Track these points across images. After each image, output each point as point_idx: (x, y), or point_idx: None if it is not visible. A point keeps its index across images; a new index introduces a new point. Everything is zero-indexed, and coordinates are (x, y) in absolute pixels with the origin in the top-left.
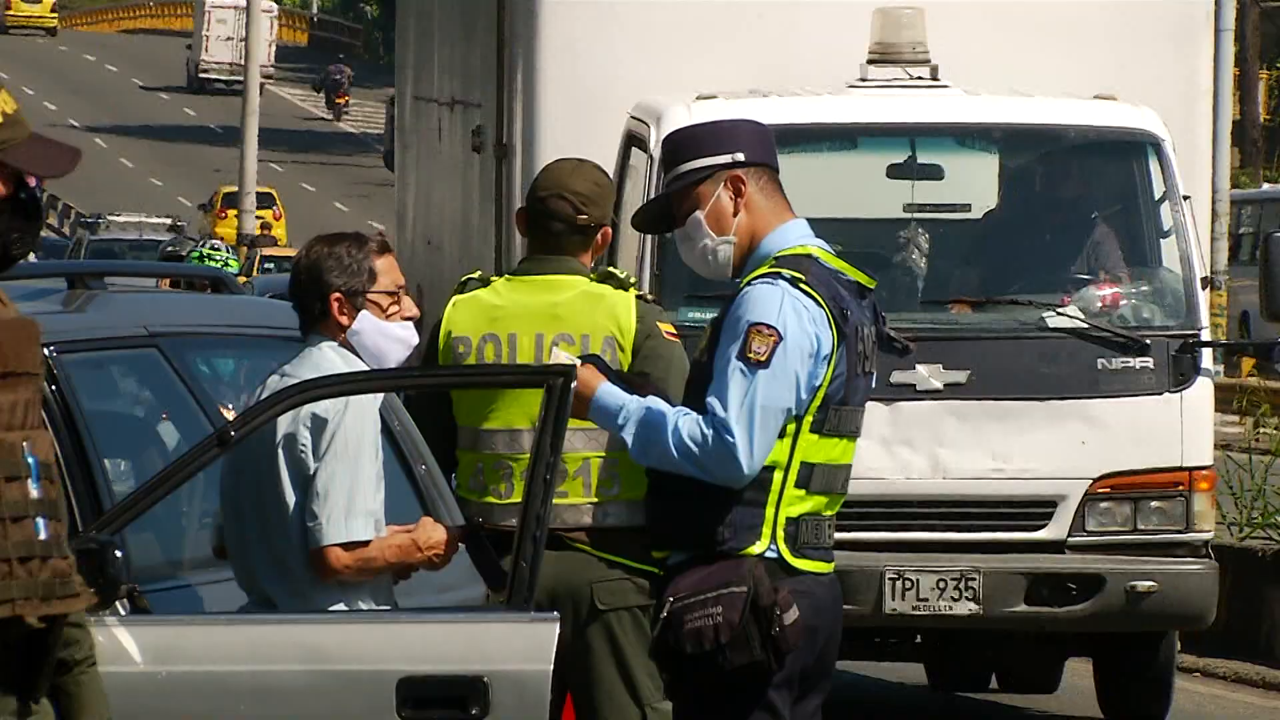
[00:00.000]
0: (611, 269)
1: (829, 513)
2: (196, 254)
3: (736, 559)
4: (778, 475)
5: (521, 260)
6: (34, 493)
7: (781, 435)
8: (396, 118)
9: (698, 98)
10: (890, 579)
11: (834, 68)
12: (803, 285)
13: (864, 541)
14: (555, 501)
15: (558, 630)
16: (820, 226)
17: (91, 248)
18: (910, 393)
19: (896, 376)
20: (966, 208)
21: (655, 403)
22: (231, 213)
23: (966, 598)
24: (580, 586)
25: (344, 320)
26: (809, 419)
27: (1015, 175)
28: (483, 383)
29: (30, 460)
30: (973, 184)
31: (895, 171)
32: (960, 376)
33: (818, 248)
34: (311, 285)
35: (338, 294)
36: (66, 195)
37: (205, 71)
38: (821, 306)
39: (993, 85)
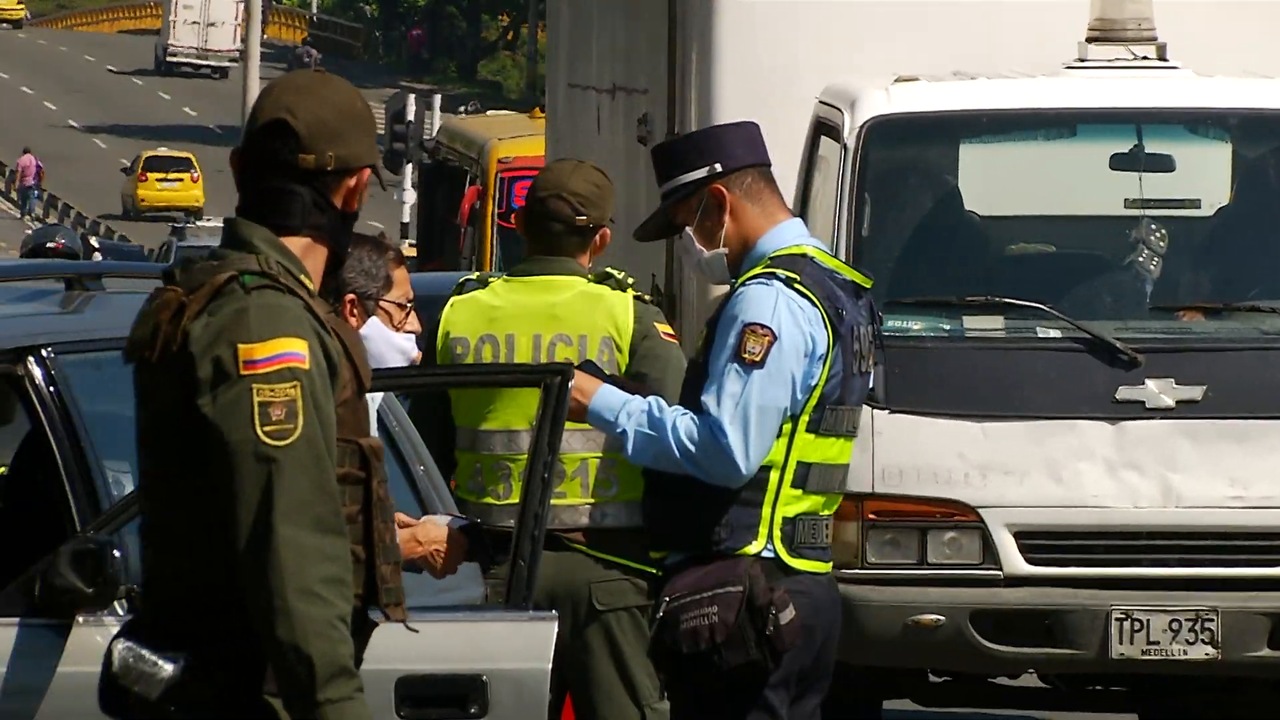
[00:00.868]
0: (610, 269)
1: (826, 512)
2: None
3: (733, 559)
4: (774, 475)
5: (521, 261)
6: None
7: (778, 435)
8: (547, 107)
9: (896, 80)
10: (1117, 620)
11: (1044, 47)
12: (797, 285)
13: (1087, 578)
14: (553, 502)
15: (556, 629)
16: (1034, 224)
17: (180, 254)
18: (1138, 411)
19: (1123, 393)
20: (1195, 203)
21: (655, 402)
22: (152, 176)
23: (1203, 641)
24: (579, 587)
25: (353, 321)
26: (805, 419)
27: (1252, 166)
28: (480, 382)
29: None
30: (1204, 176)
31: (1120, 162)
32: (1194, 393)
33: (813, 247)
34: (327, 280)
35: (352, 294)
36: (65, 194)
37: (173, 56)
38: (816, 306)
39: (1224, 66)
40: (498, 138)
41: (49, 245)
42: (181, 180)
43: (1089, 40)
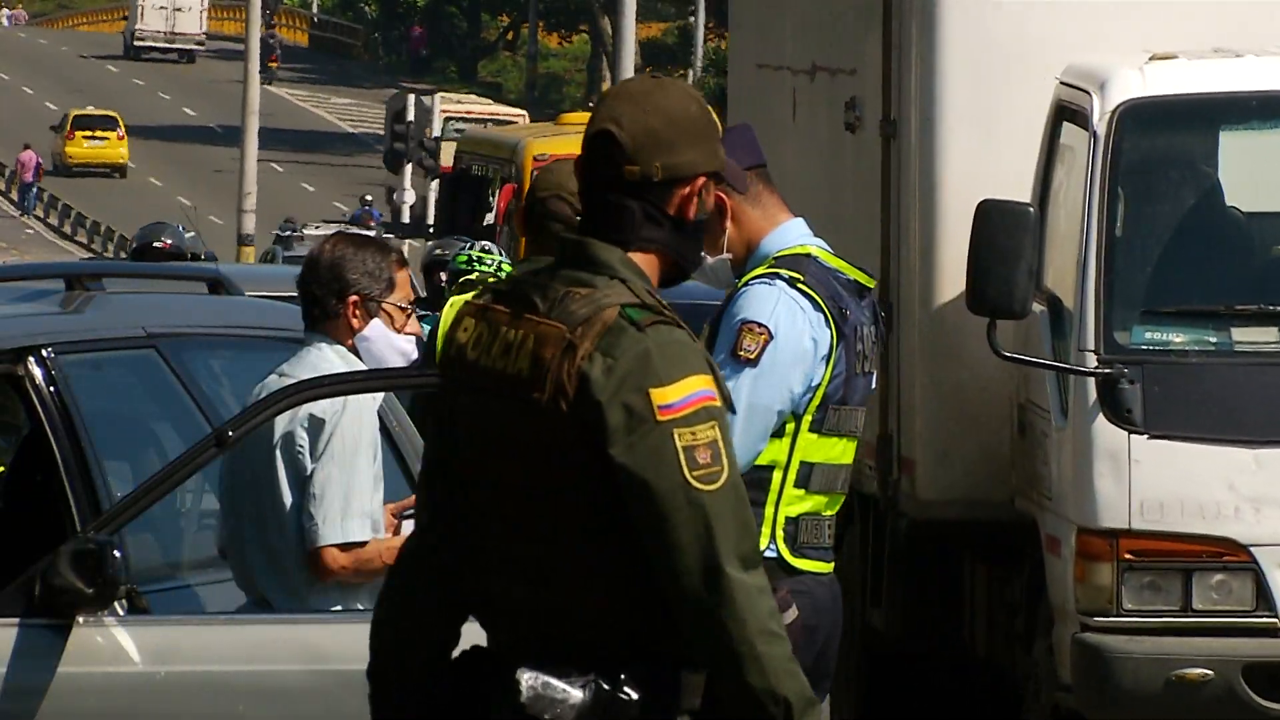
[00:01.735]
0: None
1: (829, 513)
2: (464, 256)
3: None
4: (777, 475)
5: (520, 262)
6: None
7: (780, 435)
8: (728, 90)
9: (1151, 58)
10: None
11: None
12: (800, 285)
13: None
14: None
15: None
16: None
17: (286, 263)
18: None
19: None
20: None
21: None
22: (79, 134)
23: None
24: None
25: (356, 323)
26: (808, 418)
27: None
28: None
29: None
30: None
31: None
32: None
33: (817, 247)
34: (332, 282)
35: (356, 296)
36: (65, 195)
37: (140, 40)
38: (819, 306)
39: None
40: (531, 137)
41: (155, 245)
42: (108, 138)
43: None
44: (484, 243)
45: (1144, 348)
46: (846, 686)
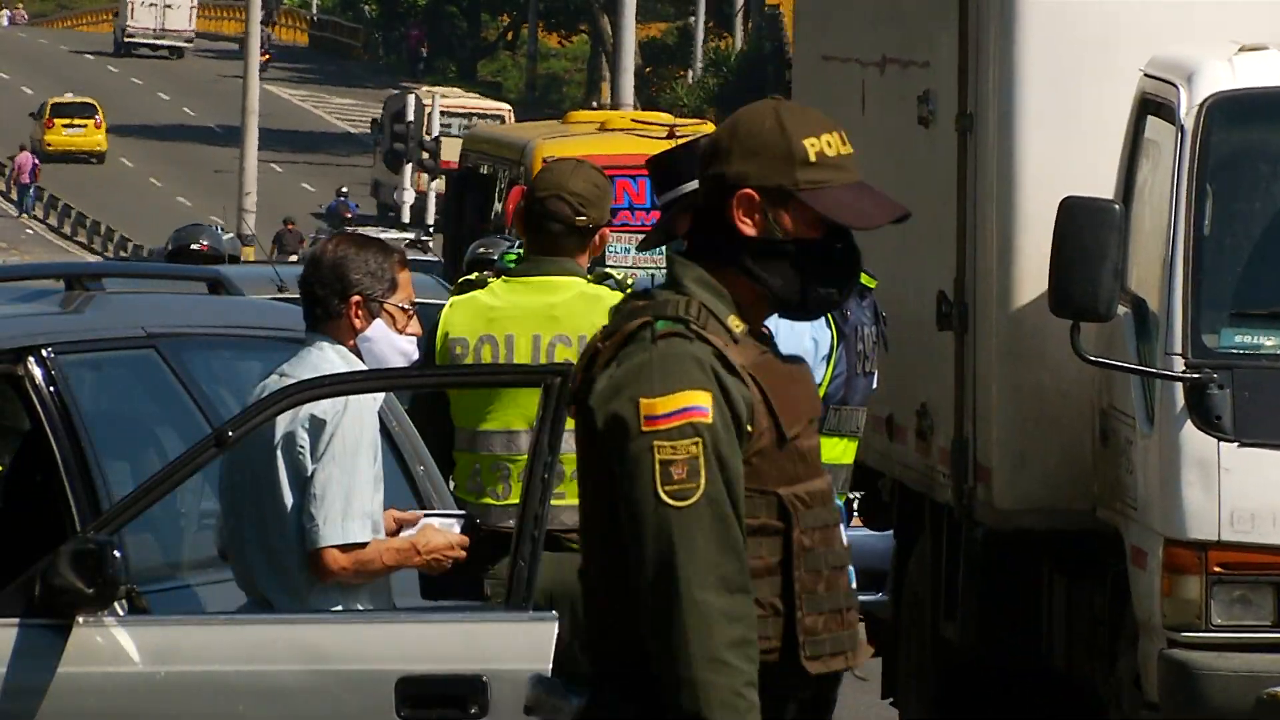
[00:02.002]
0: (608, 270)
1: None
2: (512, 255)
3: None
4: None
5: (520, 261)
6: (845, 540)
7: None
8: (792, 83)
9: (1241, 49)
10: None
11: None
12: None
13: None
14: (553, 503)
15: (556, 629)
16: None
17: None
18: None
19: None
20: None
21: None
22: (59, 122)
23: None
24: (577, 587)
25: (358, 324)
26: None
27: None
28: (480, 382)
29: (840, 506)
30: None
31: None
32: None
33: None
34: (335, 282)
35: (359, 296)
36: (65, 194)
37: (130, 37)
38: None
39: None
40: (541, 138)
41: (193, 247)
42: (86, 126)
43: None
44: None
45: (1234, 351)
46: (918, 698)
